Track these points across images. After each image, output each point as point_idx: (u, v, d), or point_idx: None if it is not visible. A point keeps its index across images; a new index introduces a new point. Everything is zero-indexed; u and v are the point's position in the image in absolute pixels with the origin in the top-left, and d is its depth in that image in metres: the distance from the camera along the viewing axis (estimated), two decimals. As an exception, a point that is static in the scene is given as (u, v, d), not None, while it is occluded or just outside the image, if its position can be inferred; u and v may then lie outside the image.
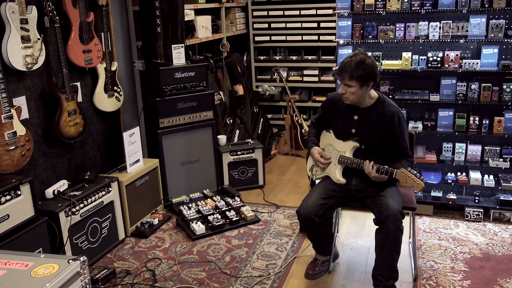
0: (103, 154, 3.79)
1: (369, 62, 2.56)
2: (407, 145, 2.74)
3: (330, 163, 2.84)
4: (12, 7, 2.76)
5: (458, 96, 3.54)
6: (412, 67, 3.60)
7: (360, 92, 2.62)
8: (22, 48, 2.84)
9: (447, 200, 3.69)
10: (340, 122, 2.81)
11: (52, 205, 2.89)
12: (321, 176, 2.89)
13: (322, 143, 2.94)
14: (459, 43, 3.53)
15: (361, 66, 2.54)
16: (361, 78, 2.55)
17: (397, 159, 2.70)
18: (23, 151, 2.84)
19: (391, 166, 2.59)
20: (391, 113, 2.67)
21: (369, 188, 2.73)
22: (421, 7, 3.49)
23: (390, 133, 2.68)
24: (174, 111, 3.90)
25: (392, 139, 2.70)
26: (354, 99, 2.65)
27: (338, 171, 2.79)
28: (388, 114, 2.67)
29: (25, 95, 3.00)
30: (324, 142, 2.93)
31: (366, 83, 2.58)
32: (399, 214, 2.56)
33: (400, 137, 2.70)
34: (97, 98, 3.60)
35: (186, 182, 4.10)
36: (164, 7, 3.87)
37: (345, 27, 3.69)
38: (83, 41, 3.34)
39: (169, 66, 3.84)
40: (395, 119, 2.66)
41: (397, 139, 2.69)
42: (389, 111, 2.67)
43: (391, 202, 2.58)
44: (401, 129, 2.69)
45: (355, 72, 2.54)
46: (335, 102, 2.84)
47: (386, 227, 2.56)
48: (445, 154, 3.70)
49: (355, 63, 2.55)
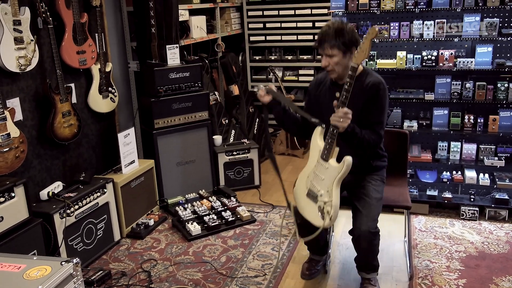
0: (98, 155, 3.78)
1: (348, 27, 2.42)
2: (381, 121, 2.50)
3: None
4: (5, 8, 2.75)
5: (452, 95, 3.55)
6: (407, 66, 3.60)
7: (345, 61, 2.44)
8: (15, 50, 2.83)
9: (443, 199, 3.69)
10: (324, 103, 2.61)
11: (47, 207, 2.87)
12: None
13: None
14: (454, 42, 3.54)
15: (341, 32, 2.40)
16: (343, 45, 2.40)
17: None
18: (17, 153, 2.83)
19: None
20: (372, 84, 2.47)
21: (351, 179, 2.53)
22: (415, 6, 3.49)
23: (366, 104, 2.47)
24: (169, 112, 3.90)
25: (366, 111, 2.47)
26: (339, 69, 2.47)
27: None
28: (369, 85, 2.47)
29: (19, 96, 2.99)
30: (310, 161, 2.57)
31: (349, 49, 2.42)
32: (371, 235, 2.46)
33: (374, 110, 2.48)
34: (92, 99, 3.59)
35: (182, 182, 4.09)
36: (158, 8, 3.86)
37: (340, 27, 3.69)
38: (77, 42, 3.33)
39: (164, 67, 3.83)
40: (374, 89, 2.46)
41: (370, 111, 2.47)
42: (371, 82, 2.48)
43: (364, 221, 2.46)
44: (377, 101, 2.47)
45: (335, 40, 2.40)
46: (317, 85, 2.69)
47: (358, 244, 2.55)
48: (440, 153, 3.70)
49: (333, 31, 2.40)
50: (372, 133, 2.45)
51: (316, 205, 2.40)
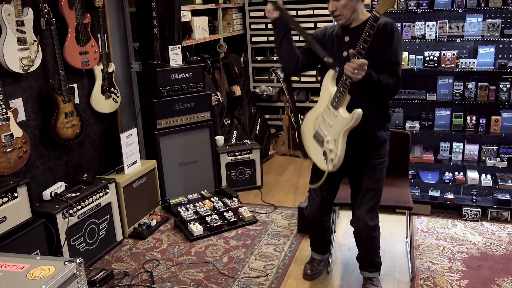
0: (101, 155, 3.79)
1: None
2: (397, 61, 2.34)
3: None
4: (8, 9, 2.76)
5: (455, 96, 3.55)
6: (409, 66, 3.60)
7: (353, 3, 2.30)
8: (18, 50, 2.84)
9: (445, 199, 3.69)
10: (332, 50, 2.44)
11: (50, 207, 2.88)
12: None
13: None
14: (456, 43, 3.54)
15: None
16: None
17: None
18: (20, 153, 2.84)
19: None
20: (384, 24, 2.28)
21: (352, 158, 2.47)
22: (417, 6, 3.49)
23: (380, 46, 2.30)
24: (172, 112, 3.90)
25: (381, 54, 2.32)
26: (347, 14, 2.33)
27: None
28: (380, 26, 2.26)
29: (22, 97, 3.00)
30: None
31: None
32: (369, 228, 2.53)
33: (390, 50, 2.32)
34: (94, 99, 3.60)
35: (184, 183, 4.10)
36: (160, 8, 3.87)
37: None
38: (80, 43, 3.34)
39: (166, 67, 3.84)
40: (387, 29, 2.29)
41: (385, 52, 2.32)
42: (382, 23, 2.28)
43: (362, 214, 2.52)
44: (392, 41, 2.31)
45: None
46: (325, 30, 2.52)
47: (358, 236, 2.64)
48: (442, 154, 3.70)
49: None
50: (390, 76, 2.31)
51: (321, 149, 2.42)
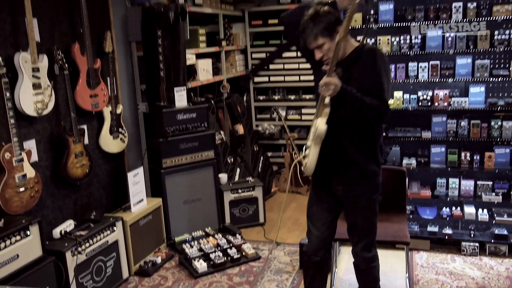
0: (108, 194, 3.91)
1: (323, 10, 2.29)
2: (382, 87, 2.30)
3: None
4: (25, 57, 2.94)
5: (449, 133, 3.69)
6: (404, 105, 3.76)
7: (334, 44, 2.28)
8: (33, 95, 3.01)
9: (443, 234, 3.77)
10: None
11: (59, 245, 2.99)
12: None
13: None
14: (448, 83, 3.70)
15: (317, 19, 2.28)
16: (326, 30, 2.27)
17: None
18: (32, 192, 2.97)
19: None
20: (368, 49, 2.33)
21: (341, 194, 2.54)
22: (410, 49, 3.68)
23: (364, 71, 2.31)
24: (177, 151, 4.04)
25: (365, 79, 2.31)
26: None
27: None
28: (365, 52, 2.33)
29: (35, 138, 3.15)
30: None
31: (333, 31, 2.28)
32: (367, 260, 2.62)
33: (373, 75, 2.30)
34: (103, 140, 3.75)
35: (189, 220, 4.19)
36: (167, 53, 4.07)
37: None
38: (90, 86, 3.51)
39: (172, 108, 4.01)
40: (370, 54, 2.32)
41: (369, 77, 2.30)
42: (367, 50, 2.34)
43: (359, 251, 2.62)
44: (375, 66, 2.30)
45: (315, 29, 2.28)
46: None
47: (357, 267, 2.71)
48: (439, 190, 3.81)
49: (310, 21, 2.29)
50: (373, 99, 2.27)
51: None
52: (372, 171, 2.50)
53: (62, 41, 3.35)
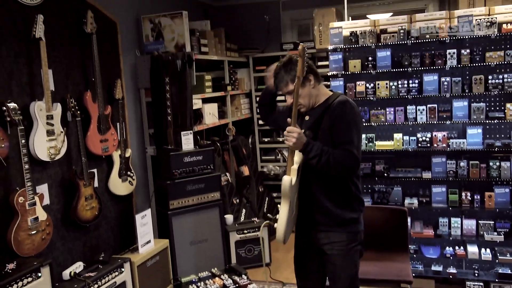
0: (116, 235, 3.99)
1: (295, 58, 2.32)
2: (350, 139, 2.26)
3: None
4: (40, 105, 3.11)
5: (449, 173, 3.77)
6: (404, 147, 3.86)
7: (305, 91, 2.35)
8: (47, 141, 3.15)
9: (448, 274, 3.79)
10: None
11: (69, 287, 3.05)
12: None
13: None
14: (445, 125, 3.82)
15: (289, 66, 2.35)
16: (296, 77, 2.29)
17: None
18: (43, 235, 3.06)
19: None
20: (337, 103, 2.32)
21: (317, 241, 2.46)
22: (407, 93, 3.82)
23: (333, 125, 2.30)
24: (184, 193, 4.14)
25: (334, 132, 2.30)
26: (306, 102, 2.39)
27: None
28: (334, 105, 2.32)
29: (47, 182, 3.28)
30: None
31: (306, 78, 2.33)
32: None
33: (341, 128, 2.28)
34: (112, 183, 3.87)
35: (195, 261, 4.24)
36: (174, 99, 4.24)
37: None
38: (101, 132, 3.66)
39: (179, 151, 4.13)
40: (339, 107, 2.30)
41: (337, 130, 2.29)
42: (336, 101, 2.33)
43: None
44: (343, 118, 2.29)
45: (286, 76, 2.35)
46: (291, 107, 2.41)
47: None
48: (441, 229, 3.85)
49: (282, 68, 2.37)
50: (342, 153, 2.25)
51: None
52: (348, 218, 2.41)
53: (75, 90, 3.52)
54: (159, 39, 4.42)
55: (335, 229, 2.41)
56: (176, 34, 4.38)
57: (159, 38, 4.42)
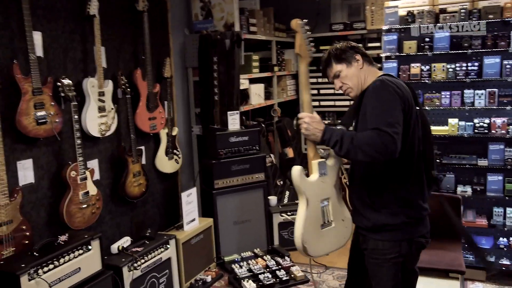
0: (162, 212, 4.05)
1: (339, 43, 2.23)
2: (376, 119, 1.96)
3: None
4: (92, 82, 3.15)
5: (507, 161, 3.58)
6: (459, 132, 3.70)
7: (352, 71, 2.16)
8: (98, 117, 3.20)
9: (500, 265, 3.64)
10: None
11: (117, 260, 3.12)
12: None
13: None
14: (506, 110, 3.62)
15: (333, 50, 2.21)
16: (338, 57, 2.18)
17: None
18: (93, 209, 3.13)
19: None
20: (372, 83, 2.09)
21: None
22: (466, 76, 3.64)
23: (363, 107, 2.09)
24: (228, 173, 4.15)
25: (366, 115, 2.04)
26: (354, 83, 2.17)
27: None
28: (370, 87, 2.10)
29: (98, 158, 3.34)
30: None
31: (351, 58, 2.17)
32: None
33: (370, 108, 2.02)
34: (159, 160, 3.91)
35: (238, 241, 4.26)
36: (221, 78, 4.22)
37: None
38: (149, 109, 3.69)
39: (225, 131, 4.13)
40: (371, 88, 2.07)
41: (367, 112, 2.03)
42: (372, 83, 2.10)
43: None
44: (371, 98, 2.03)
45: (331, 59, 2.20)
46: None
47: None
48: (496, 219, 3.69)
49: (327, 54, 2.24)
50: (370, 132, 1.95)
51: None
52: (380, 224, 2.09)
53: (126, 67, 3.56)
54: (208, 18, 4.39)
55: (370, 234, 2.15)
56: (225, 12, 4.33)
57: (208, 16, 4.40)
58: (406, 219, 2.07)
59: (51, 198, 2.98)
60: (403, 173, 2.08)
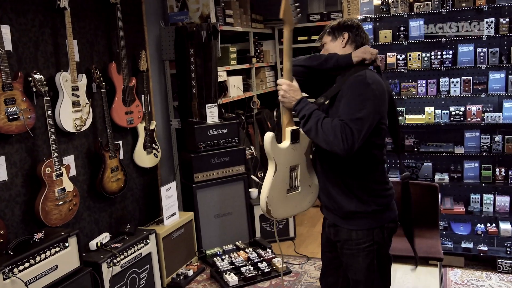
0: (142, 207, 4.01)
1: (343, 20, 2.17)
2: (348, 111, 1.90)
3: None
4: (65, 76, 3.09)
5: (482, 148, 3.64)
6: (436, 121, 3.74)
7: (333, 46, 2.13)
8: (72, 112, 3.14)
9: (478, 251, 3.70)
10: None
11: (96, 257, 3.08)
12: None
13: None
14: (480, 98, 3.67)
15: (333, 22, 2.17)
16: (332, 30, 2.14)
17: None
18: (70, 206, 3.08)
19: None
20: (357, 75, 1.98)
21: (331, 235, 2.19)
22: (441, 64, 3.67)
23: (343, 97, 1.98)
24: (208, 166, 4.12)
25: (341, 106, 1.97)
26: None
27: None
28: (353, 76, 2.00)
29: (73, 154, 3.28)
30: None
31: (339, 34, 2.12)
32: None
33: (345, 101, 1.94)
34: (137, 155, 3.87)
35: (220, 234, 4.25)
36: (199, 70, 4.18)
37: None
38: (126, 103, 3.64)
39: (204, 124, 4.10)
40: (350, 80, 1.98)
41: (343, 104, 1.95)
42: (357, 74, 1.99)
43: None
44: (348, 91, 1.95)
45: (327, 29, 2.17)
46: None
47: None
48: (473, 205, 3.75)
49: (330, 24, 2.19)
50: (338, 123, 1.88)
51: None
52: (351, 211, 2.05)
53: (100, 61, 3.50)
54: (183, 10, 4.34)
55: (341, 223, 2.10)
56: (200, 4, 4.28)
57: (183, 8, 4.34)
58: (376, 207, 2.05)
59: (25, 196, 2.92)
60: (372, 163, 2.07)
